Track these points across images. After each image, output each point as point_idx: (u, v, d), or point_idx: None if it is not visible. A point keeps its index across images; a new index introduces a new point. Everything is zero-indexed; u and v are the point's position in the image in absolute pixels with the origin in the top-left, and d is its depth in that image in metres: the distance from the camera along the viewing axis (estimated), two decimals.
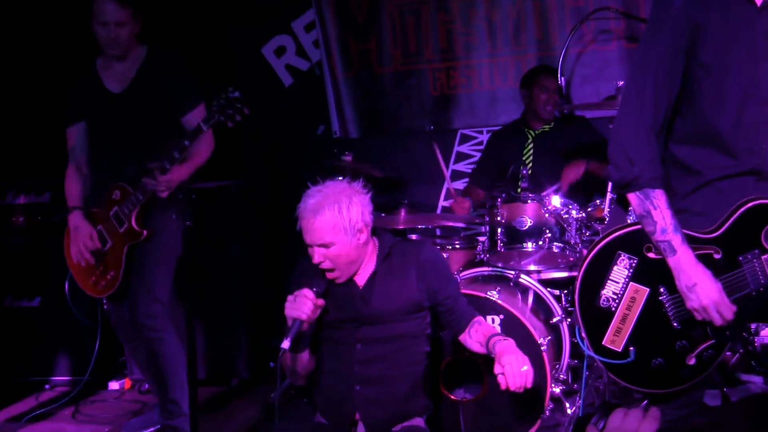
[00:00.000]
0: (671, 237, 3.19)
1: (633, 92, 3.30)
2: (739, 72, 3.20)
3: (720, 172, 3.27)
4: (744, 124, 3.22)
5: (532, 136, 6.34)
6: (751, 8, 3.19)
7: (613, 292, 3.36)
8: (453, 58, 7.09)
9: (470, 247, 5.76)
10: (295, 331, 3.69)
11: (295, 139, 7.45)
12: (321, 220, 3.82)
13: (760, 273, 3.23)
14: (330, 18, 7.27)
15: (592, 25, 6.70)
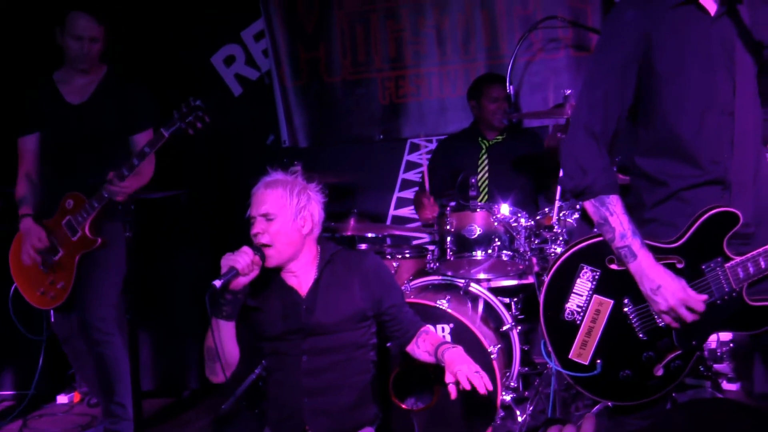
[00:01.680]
0: (630, 242, 3.20)
1: (584, 102, 3.33)
2: (696, 82, 3.22)
3: (684, 182, 3.29)
4: (705, 133, 3.24)
5: (486, 146, 6.35)
6: (706, 18, 3.22)
7: (577, 305, 3.36)
8: (402, 66, 7.10)
9: (420, 255, 5.76)
10: (229, 277, 3.68)
11: (244, 149, 7.41)
12: (271, 192, 3.91)
13: (724, 281, 3.24)
14: (279, 27, 7.25)
15: (541, 33, 6.74)
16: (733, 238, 3.24)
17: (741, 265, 3.23)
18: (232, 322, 3.86)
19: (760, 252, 3.22)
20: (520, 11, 6.79)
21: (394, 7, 7.05)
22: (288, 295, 4.00)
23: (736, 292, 3.25)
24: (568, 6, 6.66)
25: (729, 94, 3.23)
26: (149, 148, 4.86)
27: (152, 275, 6.46)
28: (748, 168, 3.29)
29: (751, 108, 3.29)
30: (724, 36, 3.22)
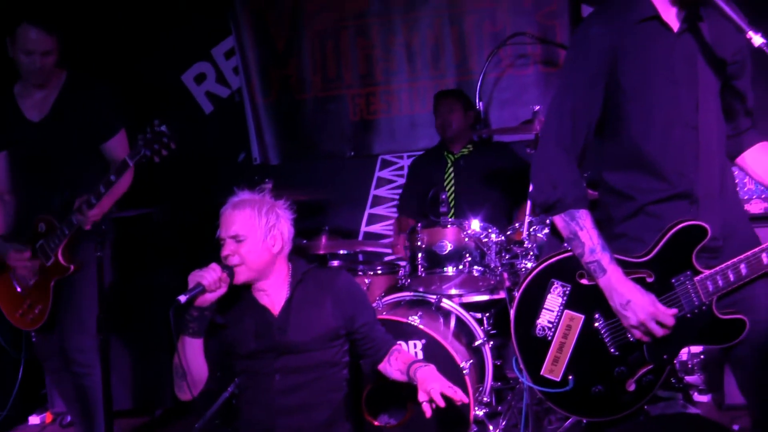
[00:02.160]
0: (600, 256, 3.20)
1: (554, 117, 3.34)
2: (661, 97, 3.25)
3: (652, 196, 3.30)
4: (671, 147, 3.26)
5: (452, 160, 6.37)
6: (670, 34, 3.25)
7: (548, 320, 3.35)
8: (372, 83, 7.14)
9: (392, 272, 5.76)
10: (194, 293, 3.70)
11: (215, 166, 7.41)
12: (240, 213, 3.90)
13: (694, 294, 3.25)
14: (250, 44, 7.27)
15: (510, 50, 6.79)
16: (701, 252, 3.25)
17: (710, 279, 3.24)
18: (200, 339, 3.86)
19: (728, 265, 3.24)
20: (489, 28, 6.84)
21: (364, 25, 7.09)
22: (260, 314, 4.00)
23: (706, 306, 3.26)
24: (537, 22, 6.71)
25: (692, 109, 3.26)
26: (115, 176, 4.75)
27: (127, 293, 6.43)
28: (714, 182, 3.32)
29: (715, 123, 3.33)
30: (687, 52, 3.26)
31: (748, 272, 3.23)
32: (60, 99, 5.11)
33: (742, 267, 3.23)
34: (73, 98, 5.11)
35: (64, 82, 5.14)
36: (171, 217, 6.87)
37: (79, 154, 5.10)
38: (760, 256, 3.23)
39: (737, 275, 3.23)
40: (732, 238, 3.35)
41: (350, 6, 7.09)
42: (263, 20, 7.24)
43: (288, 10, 7.19)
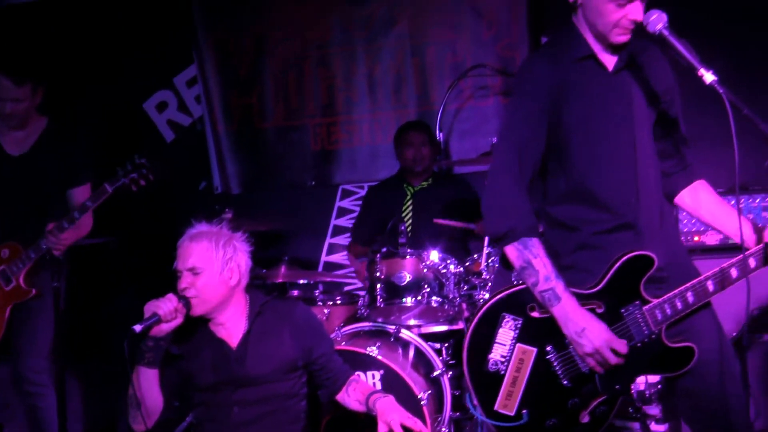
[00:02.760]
0: (554, 284, 3.22)
1: (502, 151, 3.40)
2: (600, 133, 3.33)
3: (597, 227, 3.36)
4: (612, 182, 3.34)
5: (411, 192, 6.40)
6: (606, 73, 3.36)
7: (500, 355, 3.36)
8: (334, 113, 7.15)
9: (351, 302, 5.77)
10: (150, 323, 3.70)
11: (176, 195, 7.38)
12: (197, 246, 3.91)
13: (643, 324, 3.30)
14: (212, 73, 7.28)
15: (470, 81, 6.83)
16: (648, 282, 3.31)
17: (659, 307, 3.30)
18: (155, 369, 3.85)
19: (676, 293, 3.29)
20: (450, 59, 6.89)
21: (327, 55, 7.12)
22: (218, 346, 3.99)
23: (656, 335, 3.31)
24: (497, 54, 6.76)
25: (630, 145, 3.35)
26: (91, 202, 4.84)
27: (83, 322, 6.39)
28: (654, 215, 3.40)
29: (652, 159, 3.43)
30: (622, 90, 3.37)
31: (695, 300, 3.30)
32: (41, 140, 5.24)
33: (689, 295, 3.29)
34: (52, 143, 5.23)
35: (45, 126, 5.27)
36: (130, 245, 6.84)
37: (52, 192, 5.22)
38: (705, 283, 3.30)
39: (684, 303, 3.29)
40: (675, 267, 3.42)
41: (313, 36, 7.12)
42: (226, 49, 7.26)
43: (250, 40, 7.21)
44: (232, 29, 7.25)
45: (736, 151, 3.01)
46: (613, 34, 3.27)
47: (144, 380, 3.84)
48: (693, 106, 5.10)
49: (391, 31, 7.00)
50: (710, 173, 5.14)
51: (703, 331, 3.37)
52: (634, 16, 3.20)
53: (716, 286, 3.30)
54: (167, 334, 3.83)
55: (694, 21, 5.99)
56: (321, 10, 7.09)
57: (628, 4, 3.19)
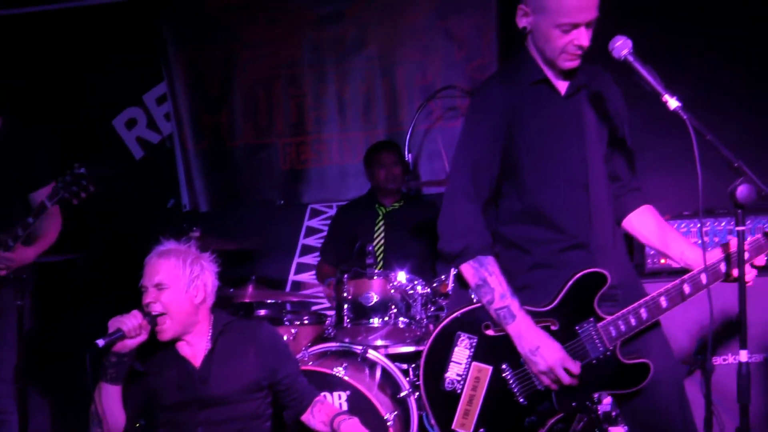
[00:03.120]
0: (509, 302, 3.26)
1: (458, 171, 3.45)
2: (553, 156, 3.39)
3: (551, 247, 3.40)
4: (565, 203, 3.39)
5: (382, 213, 6.41)
6: (559, 97, 3.43)
7: (456, 373, 3.38)
8: (303, 132, 7.16)
9: (318, 322, 5.76)
10: (113, 338, 3.68)
11: (145, 213, 7.35)
12: (164, 262, 3.91)
13: (597, 340, 3.33)
14: (182, 91, 7.27)
15: (440, 102, 6.86)
16: (602, 300, 3.35)
17: (612, 324, 3.34)
18: (117, 386, 3.83)
19: (629, 310, 3.34)
20: (420, 81, 6.92)
21: (297, 74, 7.14)
22: (182, 365, 3.98)
23: (611, 351, 3.35)
24: (467, 76, 6.81)
25: (582, 168, 3.41)
26: (33, 219, 4.72)
27: (48, 341, 6.34)
28: (606, 234, 3.45)
29: (604, 181, 3.48)
30: (575, 114, 3.43)
31: (649, 316, 3.35)
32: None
33: (643, 311, 3.34)
34: (8, 144, 5.08)
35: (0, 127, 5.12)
36: (97, 263, 6.80)
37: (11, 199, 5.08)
38: (658, 300, 3.35)
39: (638, 319, 3.34)
40: (627, 287, 3.47)
41: (283, 55, 7.13)
42: (196, 67, 7.26)
43: (221, 58, 7.21)
44: (202, 47, 7.25)
45: (699, 176, 3.05)
46: (561, 60, 3.32)
47: (106, 397, 3.82)
48: (660, 130, 5.18)
49: (361, 52, 7.03)
50: (676, 197, 5.22)
51: (654, 350, 3.42)
52: (580, 42, 3.26)
53: (669, 303, 3.36)
54: (131, 351, 3.81)
55: (658, 46, 6.10)
56: (291, 30, 7.11)
57: (573, 30, 3.24)
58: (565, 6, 3.20)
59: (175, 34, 7.27)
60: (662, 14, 6.39)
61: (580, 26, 3.24)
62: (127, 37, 7.35)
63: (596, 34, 3.33)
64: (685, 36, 6.47)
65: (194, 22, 7.24)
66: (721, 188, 3.04)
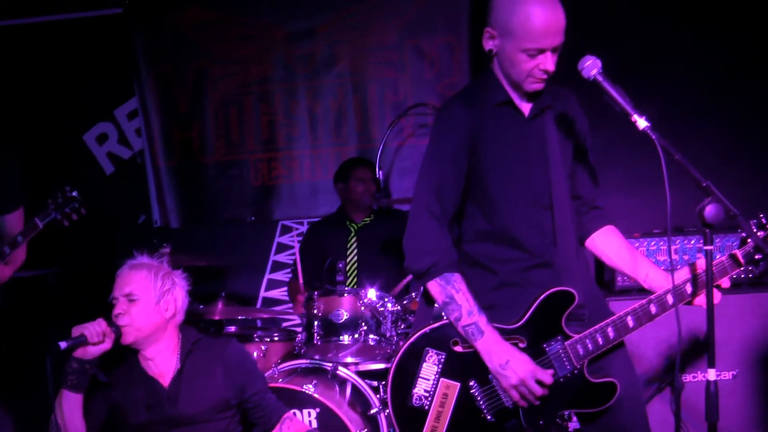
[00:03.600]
0: (477, 318, 3.28)
1: (422, 189, 3.46)
2: (516, 177, 3.42)
3: (515, 266, 3.42)
4: (530, 223, 3.43)
5: (354, 229, 6.42)
6: (523, 118, 3.46)
7: (424, 389, 3.38)
8: (275, 149, 7.17)
9: (289, 339, 5.74)
10: (75, 342, 3.67)
11: (115, 229, 7.32)
12: (136, 274, 3.92)
13: (565, 359, 3.35)
14: (153, 106, 7.25)
15: (411, 119, 6.91)
16: (569, 318, 3.38)
17: (580, 342, 3.36)
18: (79, 394, 3.80)
19: (597, 328, 3.37)
20: (391, 97, 6.96)
21: (268, 91, 7.15)
22: (150, 385, 3.97)
23: (578, 370, 3.37)
24: (438, 93, 6.85)
25: (546, 189, 3.44)
26: (22, 238, 4.74)
27: (18, 358, 6.29)
28: (570, 253, 3.47)
29: (567, 200, 3.51)
30: (539, 135, 3.47)
31: (615, 336, 3.38)
32: None
33: (610, 330, 3.37)
34: None
35: None
36: (68, 278, 6.76)
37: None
38: (625, 319, 3.38)
39: (605, 338, 3.37)
40: (593, 306, 3.49)
41: (254, 72, 7.15)
42: (167, 83, 7.25)
43: (192, 74, 7.21)
44: (173, 63, 7.25)
45: (668, 195, 3.07)
46: (527, 83, 3.35)
47: (67, 405, 3.79)
48: (631, 148, 5.22)
49: (332, 69, 7.06)
50: (647, 215, 5.26)
51: (619, 369, 3.45)
52: (545, 67, 3.29)
53: (636, 322, 3.39)
54: (94, 359, 3.78)
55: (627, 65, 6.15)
56: (263, 47, 7.13)
57: (539, 55, 3.27)
58: (532, 31, 3.23)
59: (147, 50, 7.26)
60: (631, 33, 6.45)
61: (546, 51, 3.27)
62: (99, 51, 7.34)
63: (566, 53, 3.36)
64: (654, 54, 6.53)
65: (165, 37, 7.23)
66: (691, 206, 3.06)
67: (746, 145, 6.55)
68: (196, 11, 7.17)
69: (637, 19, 6.45)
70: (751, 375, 5.30)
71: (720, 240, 5.35)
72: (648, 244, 5.45)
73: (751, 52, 6.51)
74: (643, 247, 5.47)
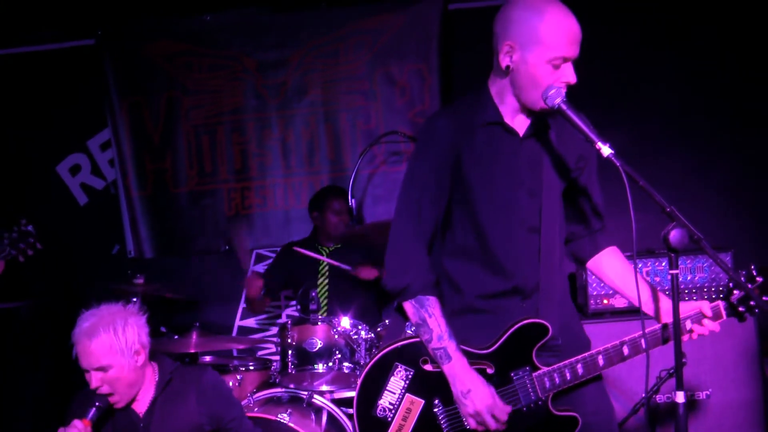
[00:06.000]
0: (447, 344, 3.27)
1: (403, 206, 3.41)
2: (503, 198, 3.37)
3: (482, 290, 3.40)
4: (513, 246, 3.38)
5: (325, 253, 6.43)
6: (515, 139, 3.38)
7: (389, 402, 3.39)
8: (248, 178, 7.21)
9: (264, 368, 5.75)
10: None
11: (89, 259, 7.31)
12: (97, 342, 3.83)
13: (531, 389, 3.35)
14: (125, 137, 7.27)
15: (384, 147, 6.95)
16: (542, 350, 3.37)
17: (547, 376, 3.36)
18: None
19: (566, 364, 3.37)
20: (363, 126, 7.00)
21: (240, 120, 7.20)
22: (125, 415, 3.98)
23: (542, 401, 3.37)
24: (409, 121, 6.91)
25: (535, 213, 3.40)
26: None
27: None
28: (553, 279, 3.45)
29: (557, 227, 3.48)
30: (532, 156, 3.40)
31: (584, 372, 3.37)
32: None
33: (579, 367, 3.37)
34: None
35: None
36: (42, 311, 6.74)
37: None
38: (596, 357, 3.38)
39: (574, 374, 3.37)
40: (568, 337, 3.49)
41: (226, 102, 7.19)
42: (139, 113, 7.27)
43: (164, 104, 7.24)
44: (145, 93, 7.28)
45: (633, 220, 3.08)
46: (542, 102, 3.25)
47: None
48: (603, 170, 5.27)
49: (304, 98, 7.12)
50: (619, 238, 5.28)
51: (589, 399, 3.44)
52: (568, 78, 3.21)
53: (606, 362, 3.38)
54: None
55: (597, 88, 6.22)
56: (233, 77, 7.18)
57: (563, 65, 3.20)
58: (560, 38, 3.16)
59: (119, 81, 7.28)
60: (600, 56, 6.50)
61: (569, 61, 3.21)
62: (71, 82, 7.37)
63: None
64: (623, 77, 6.61)
65: (137, 68, 7.27)
66: (662, 228, 3.08)
67: (716, 167, 6.62)
68: (168, 42, 7.21)
69: (605, 43, 6.51)
70: (724, 395, 5.35)
71: (691, 261, 5.41)
72: None
73: (721, 74, 6.60)
74: None
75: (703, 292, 5.44)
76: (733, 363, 5.36)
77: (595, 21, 6.34)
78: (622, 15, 6.71)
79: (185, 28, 7.23)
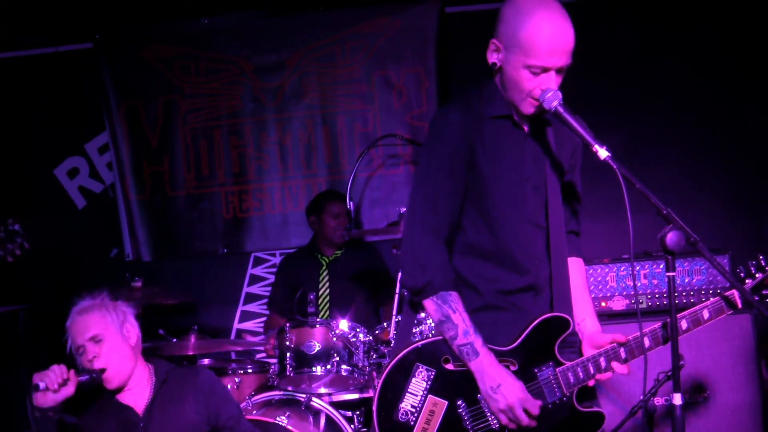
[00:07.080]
0: (473, 339, 3.22)
1: (418, 200, 3.36)
2: (511, 191, 3.35)
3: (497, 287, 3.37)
4: (521, 241, 3.36)
5: (325, 263, 6.45)
6: (521, 133, 3.37)
7: (411, 405, 3.31)
8: (245, 181, 7.21)
9: (262, 370, 5.75)
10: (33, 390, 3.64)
11: (87, 262, 7.31)
12: (90, 316, 3.93)
13: (555, 385, 3.31)
14: (123, 141, 7.26)
15: (381, 150, 6.94)
16: (563, 346, 3.34)
17: (571, 370, 3.32)
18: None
19: (588, 358, 3.33)
20: (361, 128, 7.01)
21: (238, 124, 7.20)
22: (124, 414, 3.98)
23: (567, 398, 3.33)
24: (407, 124, 6.92)
25: (541, 209, 3.40)
26: None
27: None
28: (564, 276, 3.44)
29: (562, 222, 3.47)
30: (536, 152, 3.40)
31: (607, 365, 3.33)
32: None
33: (602, 360, 3.33)
34: None
35: None
36: (40, 314, 6.73)
37: None
38: (618, 350, 3.34)
39: (597, 368, 3.33)
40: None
41: (223, 105, 7.21)
42: (137, 117, 7.27)
43: (162, 108, 7.24)
44: (142, 97, 7.28)
45: (630, 223, 3.08)
46: (524, 104, 3.25)
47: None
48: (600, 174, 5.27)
49: (301, 101, 7.13)
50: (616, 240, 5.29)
51: None
52: (547, 87, 3.18)
53: (627, 355, 3.35)
54: (56, 405, 3.74)
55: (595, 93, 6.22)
56: (231, 80, 7.19)
57: (542, 74, 3.17)
58: (538, 48, 3.12)
59: (117, 84, 7.28)
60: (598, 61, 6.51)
61: (550, 71, 3.17)
62: (69, 86, 7.36)
63: None
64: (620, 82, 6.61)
65: (135, 72, 7.27)
66: (659, 231, 3.08)
67: (713, 170, 6.63)
68: (165, 46, 7.22)
69: (602, 45, 6.51)
70: (722, 397, 5.34)
71: (688, 264, 5.41)
72: (617, 270, 5.47)
73: (718, 77, 6.61)
74: (613, 272, 5.48)
75: (701, 295, 5.43)
76: (730, 365, 5.35)
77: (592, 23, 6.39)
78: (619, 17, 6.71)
79: (183, 31, 7.25)
